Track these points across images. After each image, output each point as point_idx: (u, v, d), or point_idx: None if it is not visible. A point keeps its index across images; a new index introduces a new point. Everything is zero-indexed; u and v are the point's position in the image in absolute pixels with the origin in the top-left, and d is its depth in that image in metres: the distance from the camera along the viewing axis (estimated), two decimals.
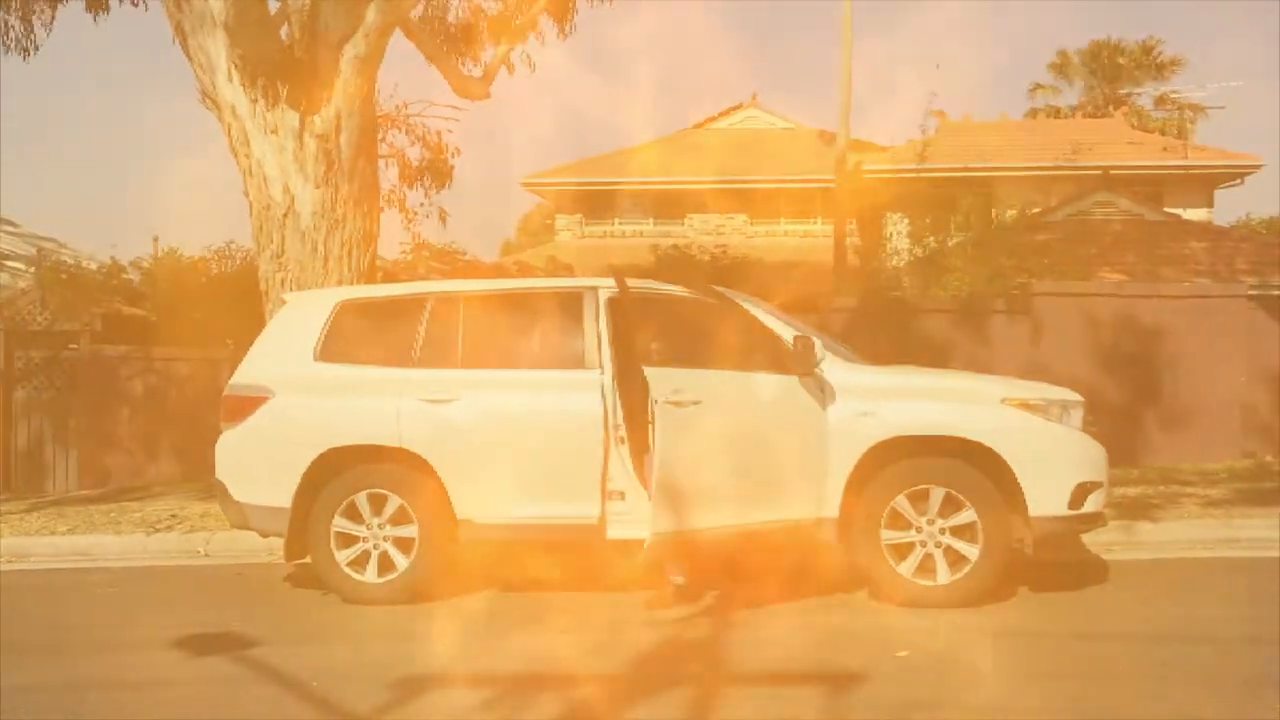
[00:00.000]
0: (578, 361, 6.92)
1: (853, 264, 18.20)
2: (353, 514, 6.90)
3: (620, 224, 28.40)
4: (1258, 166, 25.54)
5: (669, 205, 27.95)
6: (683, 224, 27.36)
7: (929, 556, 6.51)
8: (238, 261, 19.87)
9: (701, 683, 5.19)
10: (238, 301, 13.34)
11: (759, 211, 27.86)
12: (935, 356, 11.49)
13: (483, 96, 11.05)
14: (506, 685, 5.15)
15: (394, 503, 6.88)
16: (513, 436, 6.81)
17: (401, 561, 6.87)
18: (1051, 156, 16.41)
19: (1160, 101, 34.56)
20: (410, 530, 6.86)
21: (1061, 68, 36.78)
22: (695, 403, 6.28)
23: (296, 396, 7.07)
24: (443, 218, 12.69)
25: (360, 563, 6.90)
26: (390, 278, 13.02)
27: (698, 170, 27.40)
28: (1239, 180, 26.39)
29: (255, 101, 9.22)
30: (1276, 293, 13.48)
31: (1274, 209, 29.90)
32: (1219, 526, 8.54)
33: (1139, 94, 34.69)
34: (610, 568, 7.18)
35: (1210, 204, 26.05)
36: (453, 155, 12.21)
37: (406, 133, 12.65)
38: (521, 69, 12.06)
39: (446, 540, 6.89)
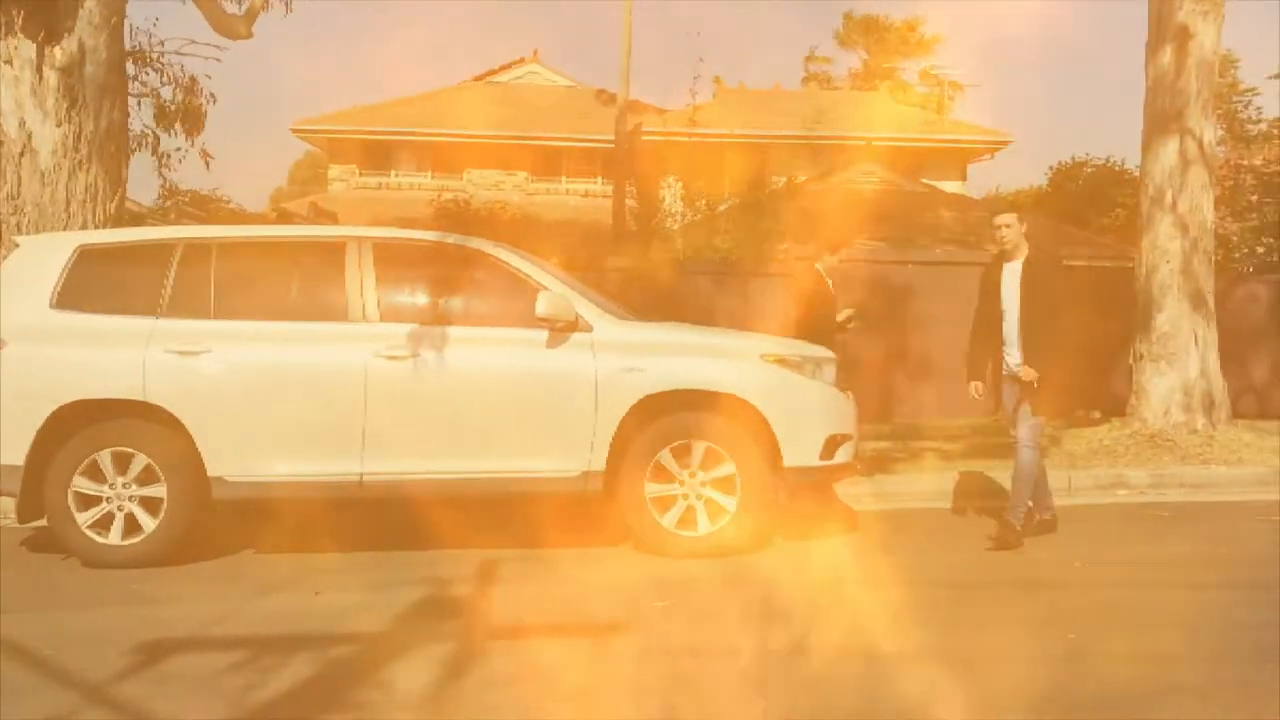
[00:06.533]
0: (341, 314, 6.72)
1: (630, 225, 18.38)
2: (94, 473, 6.50)
3: (397, 176, 27.77)
4: (1006, 142, 27.30)
5: (448, 159, 27.49)
6: (462, 179, 26.98)
7: (691, 509, 6.70)
8: None
9: (459, 638, 5.16)
10: None
11: (540, 169, 27.78)
12: (703, 315, 11.76)
13: (245, 35, 10.52)
14: (255, 648, 4.97)
15: (140, 461, 6.51)
16: (269, 391, 6.55)
17: (149, 523, 6.52)
18: (820, 126, 17.12)
19: (923, 77, 36.35)
20: (158, 490, 6.52)
21: (846, 34, 38.17)
22: (414, 356, 6.55)
23: (30, 346, 6.57)
24: (205, 159, 12.00)
25: (104, 524, 6.52)
26: (140, 224, 12.28)
27: (477, 124, 27.06)
28: (990, 155, 28.15)
29: None
30: None
31: (1022, 182, 32.03)
32: (956, 478, 9.13)
33: (904, 69, 36.38)
34: (379, 525, 7.05)
35: (964, 177, 27.70)
36: (208, 99, 11.58)
37: (162, 73, 11.86)
38: (288, 12, 11.56)
39: (197, 500, 6.58)
